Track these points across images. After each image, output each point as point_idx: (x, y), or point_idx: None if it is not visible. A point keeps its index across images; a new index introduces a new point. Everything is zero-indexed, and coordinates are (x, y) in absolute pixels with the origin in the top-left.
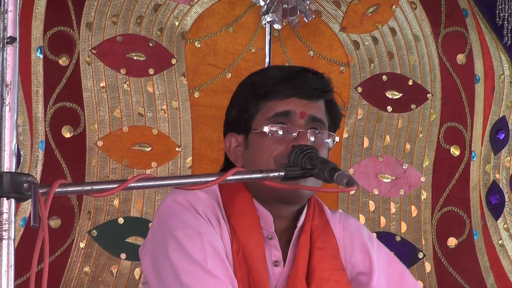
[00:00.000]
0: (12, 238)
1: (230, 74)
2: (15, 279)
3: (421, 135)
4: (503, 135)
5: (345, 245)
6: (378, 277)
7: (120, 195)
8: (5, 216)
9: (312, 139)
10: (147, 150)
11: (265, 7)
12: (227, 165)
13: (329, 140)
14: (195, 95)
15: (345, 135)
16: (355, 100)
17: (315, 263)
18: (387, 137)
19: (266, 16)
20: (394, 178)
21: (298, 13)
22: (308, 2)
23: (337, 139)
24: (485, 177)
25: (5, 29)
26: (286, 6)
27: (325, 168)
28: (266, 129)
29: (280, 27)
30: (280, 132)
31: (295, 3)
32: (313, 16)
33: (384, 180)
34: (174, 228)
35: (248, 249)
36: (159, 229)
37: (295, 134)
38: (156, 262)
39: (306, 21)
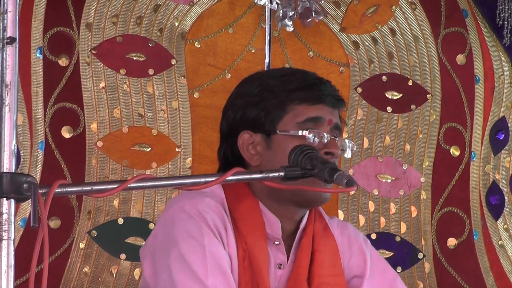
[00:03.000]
0: (12, 238)
1: (229, 75)
2: (15, 280)
3: (421, 136)
4: (503, 135)
5: (343, 249)
6: (368, 281)
7: (120, 195)
8: (5, 216)
9: (340, 147)
10: (147, 150)
11: (281, 12)
12: (233, 160)
13: (350, 149)
14: (195, 96)
15: (345, 135)
16: (355, 100)
17: (316, 266)
18: (387, 138)
19: (282, 22)
20: (394, 178)
21: (314, 15)
22: (319, 1)
23: (355, 147)
24: (485, 178)
25: (4, 29)
26: (301, 8)
27: (325, 169)
28: (305, 132)
29: (292, 29)
30: (317, 138)
31: (308, 4)
32: (326, 14)
33: (384, 180)
34: (178, 237)
35: (253, 255)
36: (162, 235)
37: (326, 141)
38: (156, 268)
39: (319, 19)
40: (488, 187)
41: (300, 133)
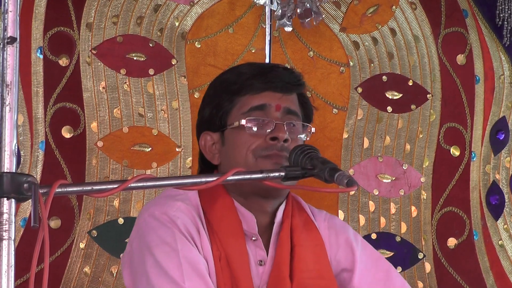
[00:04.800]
0: (12, 238)
1: None
2: (15, 279)
3: (421, 136)
4: (503, 135)
5: (330, 242)
6: (360, 275)
7: (120, 195)
8: (5, 216)
9: (289, 131)
10: (147, 150)
11: (280, 11)
12: (203, 165)
13: (306, 132)
14: (195, 96)
15: (345, 135)
16: (355, 100)
17: (297, 261)
18: (387, 138)
19: (280, 21)
20: (394, 178)
21: (313, 15)
22: (316, 3)
23: (313, 130)
24: (485, 178)
25: (5, 29)
26: (300, 9)
27: (325, 168)
28: (243, 122)
29: (290, 30)
30: (257, 126)
31: (308, 5)
32: (323, 16)
33: (384, 180)
34: (151, 245)
35: (230, 253)
36: (137, 243)
37: (272, 126)
38: (134, 277)
39: (315, 23)
40: (488, 187)
41: (241, 122)
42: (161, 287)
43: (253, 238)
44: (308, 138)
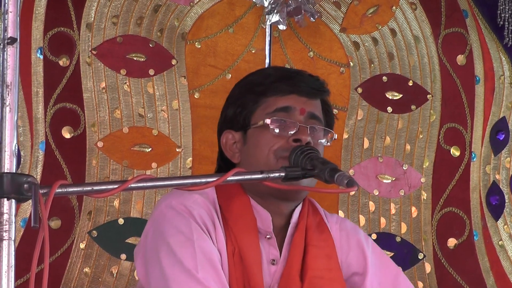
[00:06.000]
0: (13, 238)
1: (230, 75)
2: (15, 280)
3: (421, 136)
4: (503, 136)
5: (341, 245)
6: (371, 278)
7: (120, 195)
8: (5, 216)
9: (311, 135)
10: (147, 150)
11: (269, 7)
12: (222, 163)
13: (327, 137)
14: (195, 96)
15: (345, 136)
16: (355, 101)
17: (309, 261)
18: (387, 138)
19: (270, 16)
20: (394, 179)
21: (303, 13)
22: (313, 1)
23: (335, 136)
24: (485, 178)
25: (5, 29)
26: (291, 6)
27: (326, 169)
28: (268, 121)
29: (284, 28)
30: (280, 127)
31: (299, 2)
32: (318, 14)
33: (384, 181)
34: (167, 234)
35: (244, 250)
36: (152, 233)
37: (295, 129)
38: (147, 266)
39: (313, 20)
40: (488, 188)
41: (265, 121)
42: (174, 276)
43: (267, 236)
44: (329, 144)
